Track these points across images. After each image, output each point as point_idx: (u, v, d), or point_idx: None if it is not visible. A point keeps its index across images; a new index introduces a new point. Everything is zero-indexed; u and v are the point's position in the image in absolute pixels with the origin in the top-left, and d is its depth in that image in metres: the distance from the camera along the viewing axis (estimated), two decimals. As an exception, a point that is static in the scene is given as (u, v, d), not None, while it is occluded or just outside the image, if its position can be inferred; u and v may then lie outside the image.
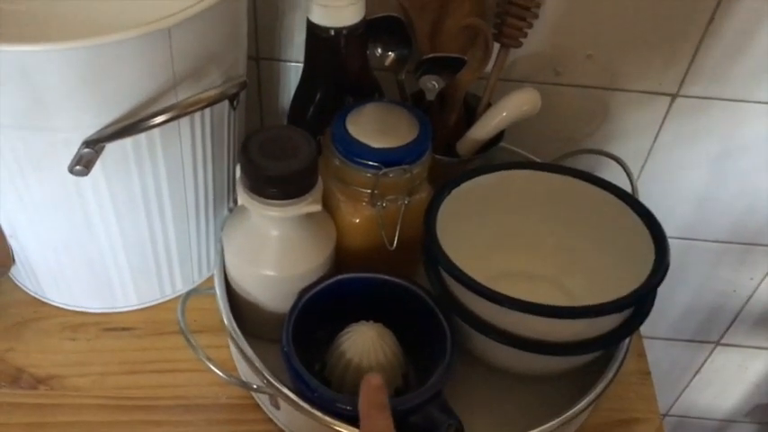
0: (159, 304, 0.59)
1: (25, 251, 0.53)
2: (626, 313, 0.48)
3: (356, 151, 0.50)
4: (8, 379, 0.53)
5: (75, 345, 0.56)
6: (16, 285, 0.59)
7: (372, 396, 0.42)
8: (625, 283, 0.47)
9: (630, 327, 0.48)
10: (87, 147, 0.43)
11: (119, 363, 0.55)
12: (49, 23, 0.40)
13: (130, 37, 0.39)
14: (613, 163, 0.62)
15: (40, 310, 0.58)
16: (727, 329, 0.92)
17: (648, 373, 0.57)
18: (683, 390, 1.03)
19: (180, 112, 0.41)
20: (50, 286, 0.57)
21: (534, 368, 0.52)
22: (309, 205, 0.48)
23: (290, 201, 0.47)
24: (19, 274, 0.58)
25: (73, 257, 0.53)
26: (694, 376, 1.00)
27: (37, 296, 0.58)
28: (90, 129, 0.43)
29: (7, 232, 0.51)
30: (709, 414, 1.07)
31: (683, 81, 0.65)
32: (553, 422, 0.47)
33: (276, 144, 0.47)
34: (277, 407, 0.50)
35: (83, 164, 0.44)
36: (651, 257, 0.49)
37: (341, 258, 0.54)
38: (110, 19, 0.41)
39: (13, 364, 0.54)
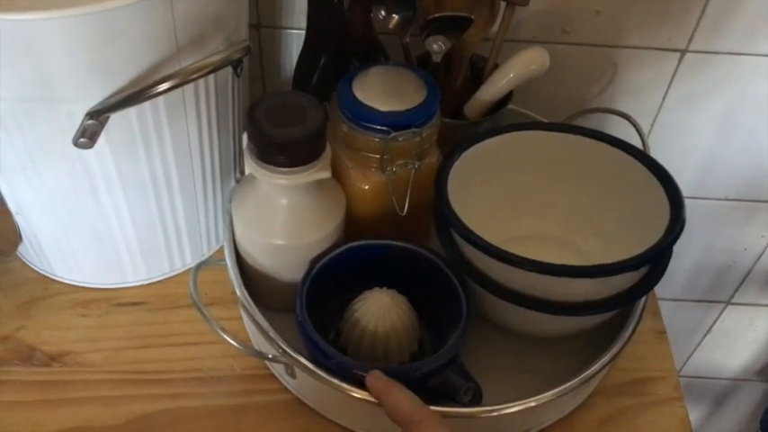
0: (169, 278, 0.58)
1: (33, 228, 0.53)
2: (642, 272, 0.48)
3: (364, 116, 0.49)
4: (21, 357, 0.53)
5: (86, 321, 0.55)
6: (25, 263, 0.59)
7: (377, 384, 0.43)
8: (640, 242, 0.47)
9: (647, 285, 0.48)
10: (91, 118, 0.42)
11: (131, 337, 0.55)
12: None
13: (132, 2, 0.38)
14: (623, 122, 0.61)
15: (49, 287, 0.57)
16: (738, 288, 0.91)
17: (664, 332, 0.57)
18: (694, 350, 1.03)
19: (184, 78, 0.40)
20: (59, 263, 0.56)
21: (550, 329, 0.52)
22: (318, 172, 0.47)
23: (299, 168, 0.46)
24: (27, 252, 0.57)
25: (81, 233, 0.52)
26: (705, 336, 1.00)
27: (46, 274, 0.58)
28: (93, 99, 0.42)
29: (13, 209, 0.50)
30: (720, 373, 1.07)
31: (692, 36, 0.63)
32: (571, 382, 0.47)
33: (283, 110, 0.46)
34: (293, 376, 0.49)
35: (87, 136, 0.43)
36: (666, 214, 0.49)
37: (351, 225, 0.53)
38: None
39: (25, 342, 0.54)
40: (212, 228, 0.59)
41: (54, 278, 0.58)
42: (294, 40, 0.66)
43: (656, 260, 0.48)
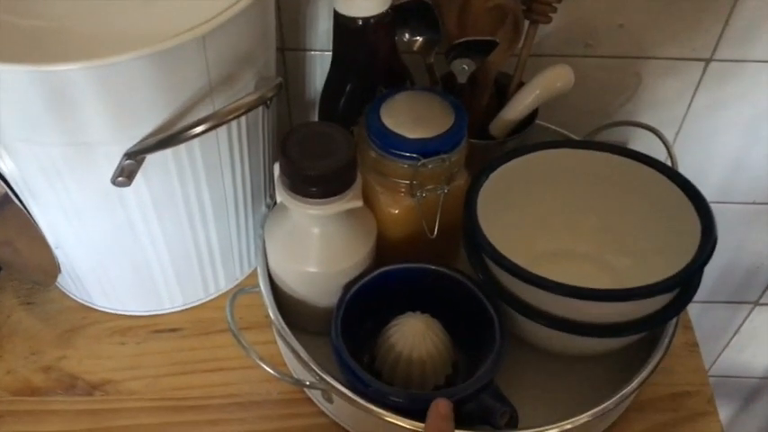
0: (204, 303, 0.59)
1: (71, 260, 0.54)
2: (674, 292, 0.48)
3: (393, 143, 0.50)
4: (64, 386, 0.54)
5: (125, 349, 0.57)
6: (63, 293, 0.60)
7: (439, 423, 0.43)
8: (671, 259, 0.47)
9: (679, 305, 0.48)
10: (129, 158, 0.43)
11: (170, 364, 0.56)
12: (77, 39, 0.40)
13: (165, 48, 0.39)
14: (648, 132, 0.61)
15: (88, 315, 0.59)
16: (766, 289, 0.91)
17: (696, 345, 0.57)
18: (723, 350, 1.02)
19: (219, 120, 0.41)
20: (97, 292, 0.57)
21: (582, 349, 0.52)
22: (350, 201, 0.48)
23: (331, 198, 0.47)
24: (65, 282, 0.58)
25: (118, 264, 0.54)
26: (733, 336, 1.00)
27: (84, 302, 0.59)
28: (130, 141, 0.43)
29: (52, 244, 0.52)
30: (749, 372, 1.07)
31: (716, 45, 0.63)
32: (608, 403, 0.47)
33: (314, 141, 0.47)
34: (330, 401, 0.50)
35: (125, 175, 0.44)
36: (696, 231, 0.49)
37: (382, 248, 0.54)
38: (140, 30, 0.40)
39: (67, 372, 0.55)
40: (245, 253, 0.59)
41: (92, 306, 0.59)
42: (318, 61, 0.66)
43: (687, 281, 0.48)
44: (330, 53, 0.57)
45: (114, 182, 0.44)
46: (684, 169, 0.52)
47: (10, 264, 0.57)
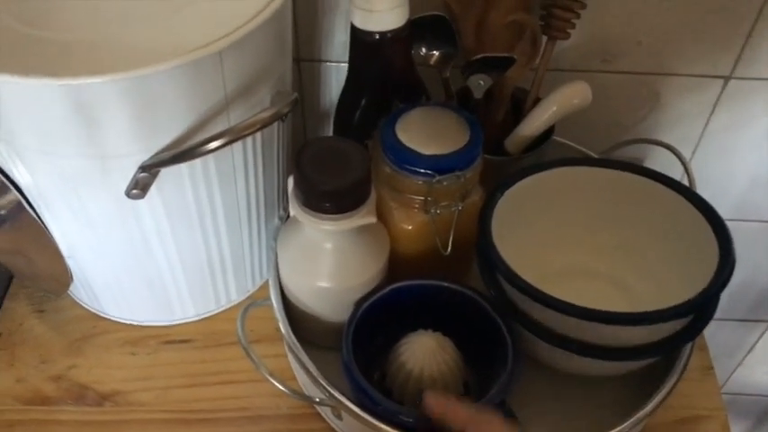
0: (216, 314, 0.59)
1: (83, 270, 0.54)
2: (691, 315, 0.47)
3: (408, 159, 0.49)
4: (74, 396, 0.54)
5: (136, 359, 0.57)
6: (75, 301, 0.60)
7: (438, 403, 0.43)
8: (687, 280, 0.46)
9: (695, 328, 0.47)
10: (143, 171, 0.43)
11: (180, 376, 0.55)
12: (97, 53, 0.40)
13: (182, 63, 0.39)
14: (663, 148, 0.60)
15: (99, 324, 0.59)
16: (782, 308, 0.90)
17: (711, 368, 0.57)
18: (736, 368, 1.01)
19: (234, 136, 0.41)
20: (109, 302, 0.57)
21: (595, 370, 0.51)
22: (364, 217, 0.47)
23: (344, 214, 0.47)
24: (77, 290, 0.59)
25: (130, 274, 0.53)
26: (747, 355, 0.98)
27: (96, 311, 0.59)
28: (145, 154, 0.43)
29: (65, 253, 0.52)
30: (762, 391, 1.05)
31: (736, 62, 0.62)
32: (622, 426, 0.46)
33: (328, 157, 0.47)
34: (339, 417, 0.50)
35: (139, 188, 0.44)
36: (714, 253, 0.48)
37: (395, 264, 0.53)
38: (158, 45, 0.40)
39: (77, 382, 0.55)
40: (257, 265, 0.59)
41: (103, 315, 0.59)
42: (334, 72, 0.66)
43: (704, 306, 0.47)
44: (346, 64, 0.57)
45: (128, 194, 0.44)
46: (702, 186, 0.51)
47: (22, 272, 0.57)
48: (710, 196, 0.51)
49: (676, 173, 0.60)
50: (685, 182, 0.58)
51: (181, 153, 0.41)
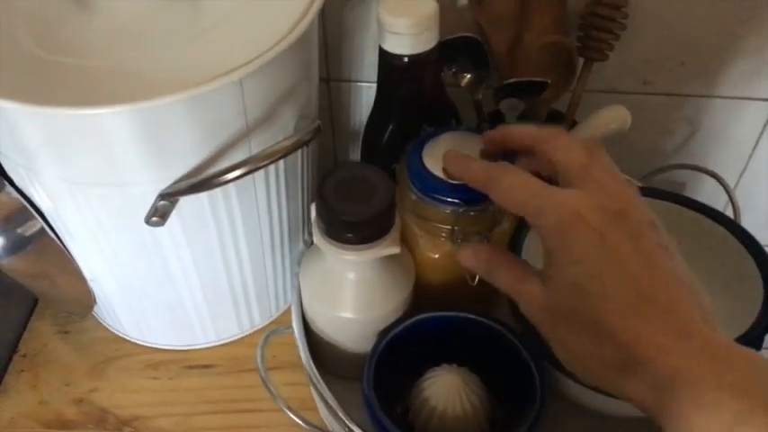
0: (238, 339, 0.58)
1: (105, 294, 0.53)
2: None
3: (434, 187, 0.48)
4: (94, 420, 0.54)
5: (157, 384, 0.56)
6: (98, 322, 0.60)
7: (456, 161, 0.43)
8: (729, 318, 0.44)
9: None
10: (163, 199, 0.42)
11: (201, 402, 0.55)
12: (117, 79, 0.39)
13: (202, 91, 0.38)
14: (706, 175, 0.57)
15: (121, 347, 0.58)
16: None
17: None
18: None
19: (255, 165, 0.40)
20: (131, 325, 0.57)
21: (626, 410, 0.49)
22: (387, 248, 0.46)
23: (367, 245, 0.45)
24: (100, 311, 0.58)
25: (152, 299, 0.53)
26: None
27: (118, 333, 0.59)
28: (165, 182, 0.42)
29: (88, 277, 0.51)
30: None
31: (787, 84, 0.59)
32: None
33: (352, 185, 0.45)
34: (360, 452, 0.48)
35: (159, 215, 0.43)
36: (758, 290, 0.45)
37: (420, 293, 0.52)
38: (178, 72, 0.39)
39: (98, 405, 0.55)
40: (281, 289, 0.58)
41: (126, 338, 0.59)
42: (363, 92, 0.65)
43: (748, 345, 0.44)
44: (375, 84, 0.55)
45: (148, 221, 0.44)
46: (747, 215, 0.48)
47: (46, 295, 0.57)
48: (755, 225, 0.48)
49: (720, 201, 0.58)
50: (729, 211, 0.56)
51: (200, 182, 0.41)
